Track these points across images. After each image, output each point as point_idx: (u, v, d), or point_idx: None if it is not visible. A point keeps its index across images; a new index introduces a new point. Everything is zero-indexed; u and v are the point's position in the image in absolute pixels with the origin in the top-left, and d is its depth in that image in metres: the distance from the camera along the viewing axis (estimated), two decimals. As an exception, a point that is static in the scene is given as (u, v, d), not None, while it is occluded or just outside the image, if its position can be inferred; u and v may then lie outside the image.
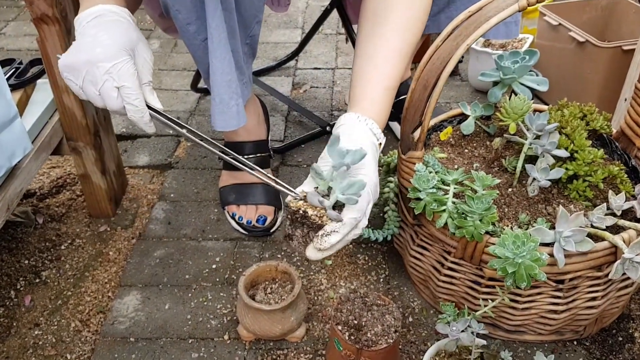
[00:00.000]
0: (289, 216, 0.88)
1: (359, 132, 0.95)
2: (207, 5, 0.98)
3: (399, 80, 1.03)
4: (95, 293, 1.17)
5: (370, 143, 0.94)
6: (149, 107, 0.91)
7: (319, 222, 0.84)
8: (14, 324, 1.11)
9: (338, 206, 0.86)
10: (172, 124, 0.92)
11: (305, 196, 0.87)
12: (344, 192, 0.84)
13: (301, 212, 0.86)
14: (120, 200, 1.39)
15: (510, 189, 1.04)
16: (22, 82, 1.20)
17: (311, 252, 0.86)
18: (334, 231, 0.84)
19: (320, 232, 0.84)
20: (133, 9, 1.00)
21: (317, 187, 0.88)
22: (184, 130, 0.92)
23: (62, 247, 1.27)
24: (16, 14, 2.41)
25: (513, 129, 1.03)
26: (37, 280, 1.20)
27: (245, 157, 1.33)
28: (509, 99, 1.05)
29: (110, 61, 0.85)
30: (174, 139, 1.62)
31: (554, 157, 1.01)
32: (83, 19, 0.89)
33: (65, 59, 0.87)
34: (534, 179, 1.01)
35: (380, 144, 0.98)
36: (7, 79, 1.19)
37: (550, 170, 1.00)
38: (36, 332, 1.09)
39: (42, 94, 1.21)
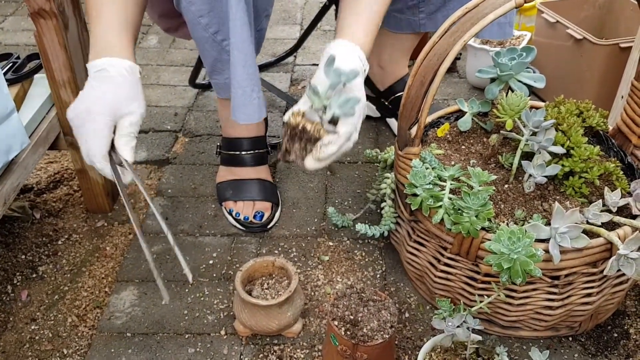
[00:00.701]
0: (288, 132, 0.97)
1: (351, 56, 1.01)
2: None
3: (382, 17, 1.08)
4: (92, 288, 1.17)
5: (360, 66, 1.01)
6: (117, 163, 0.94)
7: (317, 135, 0.94)
8: (11, 319, 1.11)
9: (333, 121, 0.95)
10: (139, 184, 0.94)
11: (303, 113, 0.97)
12: (341, 106, 0.93)
13: (300, 127, 0.95)
14: (118, 195, 1.39)
15: (506, 185, 1.04)
16: (20, 76, 1.20)
17: (310, 162, 0.96)
18: (331, 142, 0.94)
19: (319, 144, 0.95)
20: (139, 19, 1.03)
21: (312, 105, 0.96)
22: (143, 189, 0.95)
23: (59, 242, 1.27)
24: (14, 8, 2.40)
25: (510, 126, 1.04)
26: (34, 275, 1.20)
27: (244, 153, 1.33)
28: (506, 96, 1.05)
29: (84, 123, 0.91)
30: (171, 135, 1.62)
31: (550, 153, 1.02)
32: (90, 69, 0.95)
33: (71, 106, 0.95)
34: (530, 175, 1.01)
35: (365, 70, 1.04)
36: (4, 74, 1.19)
37: (547, 166, 1.00)
38: (33, 327, 1.10)
39: (40, 89, 1.21)
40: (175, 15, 1.30)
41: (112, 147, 0.92)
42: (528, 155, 1.04)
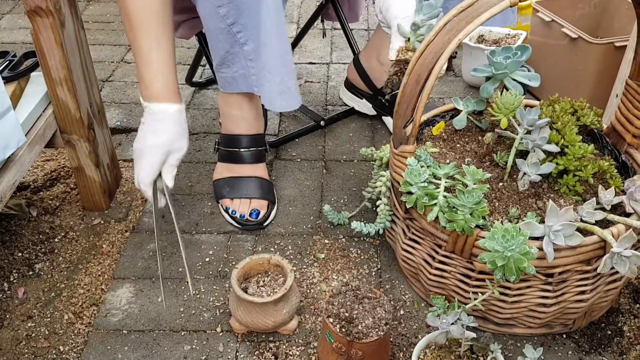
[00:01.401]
0: (400, 68, 1.09)
1: None
2: None
3: None
4: (89, 285, 1.17)
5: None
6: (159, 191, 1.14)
7: None
8: (7, 316, 1.11)
9: None
10: (171, 209, 1.13)
11: (405, 47, 1.08)
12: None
13: (408, 58, 1.07)
14: (114, 193, 1.39)
15: (501, 184, 1.05)
16: (16, 74, 1.20)
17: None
18: None
19: None
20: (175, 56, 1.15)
21: (408, 39, 1.08)
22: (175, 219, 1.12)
23: (56, 240, 1.28)
24: (11, 6, 2.40)
25: (504, 124, 1.04)
26: (31, 273, 1.20)
27: (243, 150, 1.34)
28: (501, 95, 1.05)
29: (143, 155, 1.11)
30: (168, 133, 1.63)
31: (545, 152, 1.02)
32: (146, 110, 1.13)
33: (136, 140, 1.13)
34: (525, 173, 1.01)
35: None
36: (1, 72, 1.19)
37: (541, 165, 1.01)
38: (29, 324, 1.10)
39: (36, 87, 1.21)
40: (178, 11, 1.30)
41: (159, 174, 1.12)
42: (523, 154, 1.05)
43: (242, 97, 1.29)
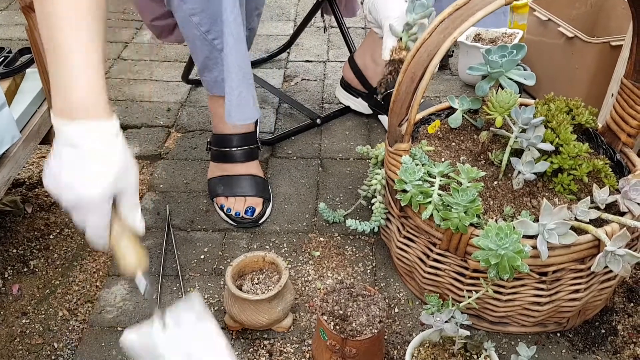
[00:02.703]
0: (394, 67, 1.11)
1: None
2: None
3: None
4: (83, 282, 1.17)
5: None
6: None
7: None
8: (2, 313, 1.11)
9: None
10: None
11: (399, 47, 1.10)
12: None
13: (402, 57, 1.09)
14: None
15: (496, 182, 1.05)
16: (11, 70, 1.20)
17: None
18: None
19: None
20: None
21: (400, 39, 1.10)
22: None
23: (51, 237, 1.28)
24: (7, 3, 2.40)
25: (499, 123, 1.04)
26: (25, 269, 1.20)
27: (234, 149, 1.34)
28: (496, 93, 1.05)
29: (85, 213, 0.77)
30: (164, 130, 1.63)
31: (540, 150, 1.02)
32: (66, 133, 0.75)
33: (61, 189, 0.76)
34: (519, 172, 1.02)
35: None
36: (-4, 68, 1.19)
37: (536, 163, 1.01)
38: (24, 321, 1.10)
39: (31, 83, 1.21)
40: (168, 16, 1.30)
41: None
42: (518, 152, 1.05)
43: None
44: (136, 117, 1.67)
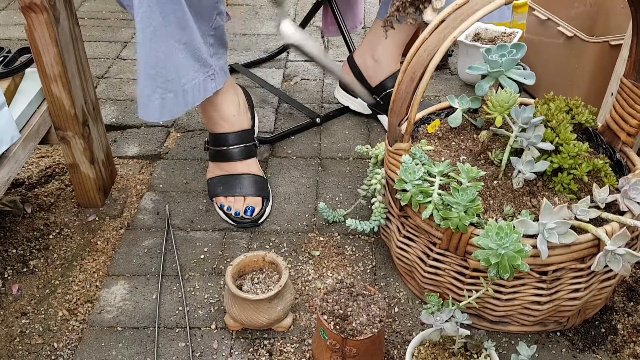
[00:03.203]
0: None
1: None
2: None
3: None
4: (83, 282, 1.17)
5: None
6: None
7: None
8: (1, 313, 1.11)
9: None
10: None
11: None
12: None
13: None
14: (109, 190, 1.39)
15: (496, 182, 1.05)
16: (11, 70, 1.19)
17: (429, 15, 1.08)
18: None
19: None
20: None
21: None
22: None
23: (51, 237, 1.27)
24: (6, 3, 2.39)
25: (499, 122, 1.04)
26: (25, 270, 1.20)
27: (231, 147, 1.34)
28: (496, 93, 1.05)
29: None
30: (163, 130, 1.62)
31: (540, 150, 1.02)
32: None
33: None
34: (519, 171, 1.02)
35: None
36: (-5, 68, 1.19)
37: (536, 163, 1.01)
38: (23, 321, 1.10)
39: (31, 83, 1.21)
40: None
41: None
42: (518, 152, 1.05)
43: (212, 98, 1.27)
44: (136, 117, 1.67)
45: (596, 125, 1.11)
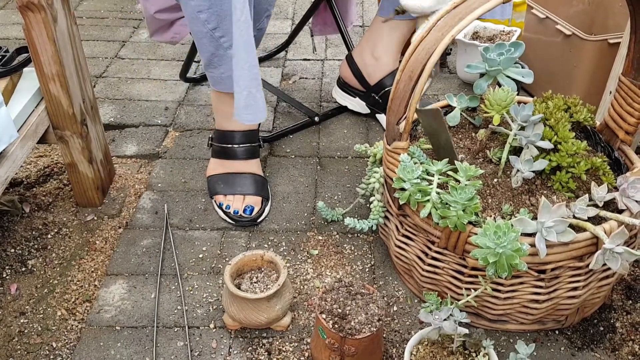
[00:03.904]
0: None
1: None
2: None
3: None
4: (82, 282, 1.17)
5: None
6: None
7: None
8: (0, 312, 1.11)
9: None
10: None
11: None
12: None
13: None
14: (108, 189, 1.39)
15: (494, 180, 1.05)
16: (8, 70, 1.19)
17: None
18: None
19: None
20: None
21: None
22: None
23: (49, 236, 1.27)
24: (4, 2, 2.39)
25: (497, 121, 1.04)
26: (24, 269, 1.20)
27: (236, 146, 1.34)
28: (494, 91, 1.05)
29: None
30: (162, 129, 1.62)
31: (538, 148, 1.02)
32: None
33: None
34: (518, 170, 1.02)
35: None
36: (-7, 67, 1.18)
37: (534, 161, 1.01)
38: (22, 321, 1.10)
39: (29, 82, 1.21)
40: (173, 10, 1.30)
41: None
42: (516, 150, 1.05)
43: (230, 93, 1.28)
44: (134, 116, 1.67)
45: (594, 124, 1.11)
